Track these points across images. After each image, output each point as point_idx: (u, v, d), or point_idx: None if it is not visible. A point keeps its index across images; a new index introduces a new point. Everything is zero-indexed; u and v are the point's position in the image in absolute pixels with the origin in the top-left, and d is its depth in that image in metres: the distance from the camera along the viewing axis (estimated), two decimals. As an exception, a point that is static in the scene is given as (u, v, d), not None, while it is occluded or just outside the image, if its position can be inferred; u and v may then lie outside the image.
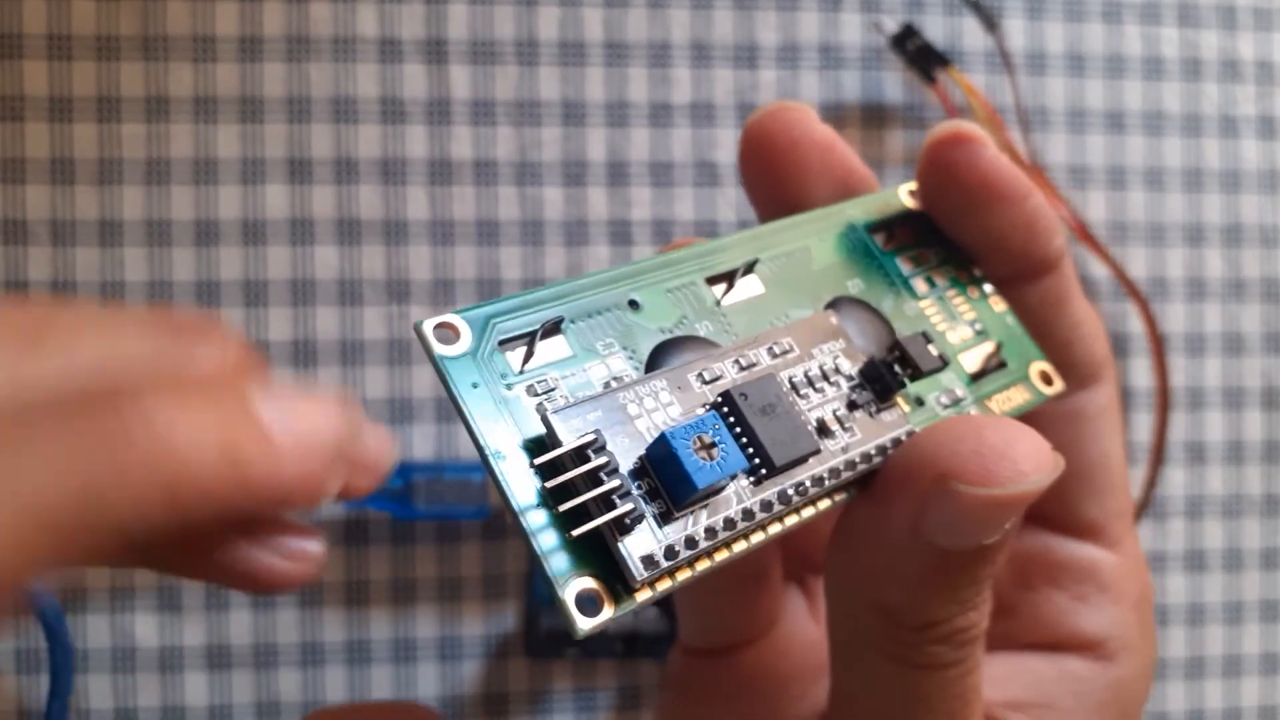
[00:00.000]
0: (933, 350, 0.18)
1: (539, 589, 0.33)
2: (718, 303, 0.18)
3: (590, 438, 0.15)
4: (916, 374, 0.18)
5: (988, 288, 0.21)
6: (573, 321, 0.17)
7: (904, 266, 0.21)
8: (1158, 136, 0.37)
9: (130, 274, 0.33)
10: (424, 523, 0.34)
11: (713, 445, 0.15)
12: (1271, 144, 0.38)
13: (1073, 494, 0.21)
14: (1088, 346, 0.21)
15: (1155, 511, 0.37)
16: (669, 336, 0.17)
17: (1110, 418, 0.21)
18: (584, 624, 0.14)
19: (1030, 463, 0.16)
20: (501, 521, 0.34)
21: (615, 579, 0.15)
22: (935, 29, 0.36)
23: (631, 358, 0.17)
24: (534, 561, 0.16)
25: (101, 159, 0.33)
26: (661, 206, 0.35)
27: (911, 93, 0.36)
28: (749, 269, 0.19)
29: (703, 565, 0.15)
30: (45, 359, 0.12)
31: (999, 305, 0.21)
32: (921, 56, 0.35)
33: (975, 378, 0.20)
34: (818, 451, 0.16)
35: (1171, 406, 0.36)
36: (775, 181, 0.21)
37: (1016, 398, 0.20)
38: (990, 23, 0.35)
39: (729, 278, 0.19)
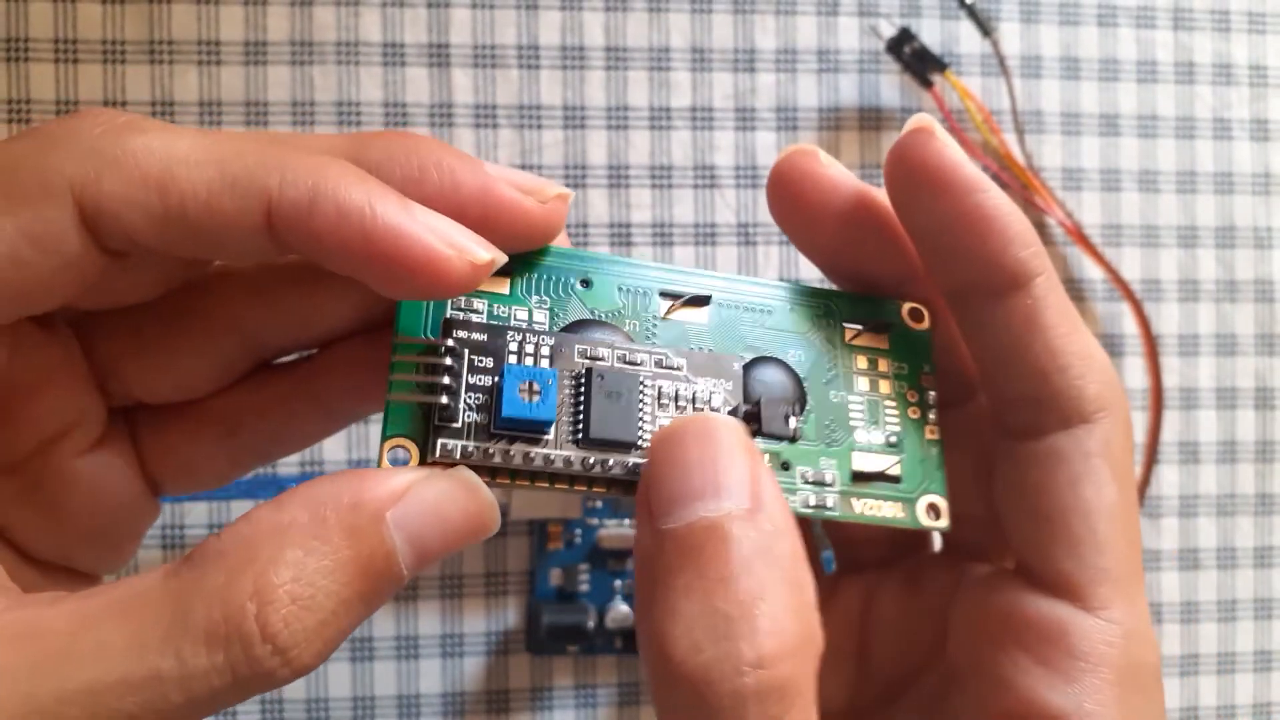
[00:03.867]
0: (791, 423, 0.19)
1: (540, 586, 0.34)
2: (658, 315, 0.20)
3: (453, 345, 0.18)
4: (759, 432, 0.19)
5: (931, 415, 0.21)
6: (523, 273, 0.19)
7: (857, 362, 0.21)
8: (1151, 139, 0.37)
9: (136, 275, 0.33)
10: (426, 521, 0.34)
11: (537, 392, 0.18)
12: (1264, 146, 0.38)
13: (1041, 541, 0.19)
14: (1070, 382, 0.19)
15: (1149, 511, 0.37)
16: (594, 318, 0.20)
17: (1099, 465, 0.19)
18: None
19: None
20: (503, 519, 0.34)
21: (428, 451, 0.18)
22: (931, 33, 0.36)
23: (554, 318, 0.20)
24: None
25: (108, 162, 0.33)
26: (661, 209, 0.35)
27: (908, 96, 0.36)
28: (703, 301, 0.20)
29: (500, 481, 0.18)
30: None
31: (932, 435, 0.21)
32: (918, 60, 0.35)
33: (859, 477, 0.20)
34: (635, 445, 0.18)
35: (1165, 406, 0.37)
36: (790, 223, 0.21)
37: (886, 511, 0.20)
38: (985, 27, 0.35)
39: (680, 299, 0.20)
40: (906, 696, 0.22)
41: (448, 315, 0.19)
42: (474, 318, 0.19)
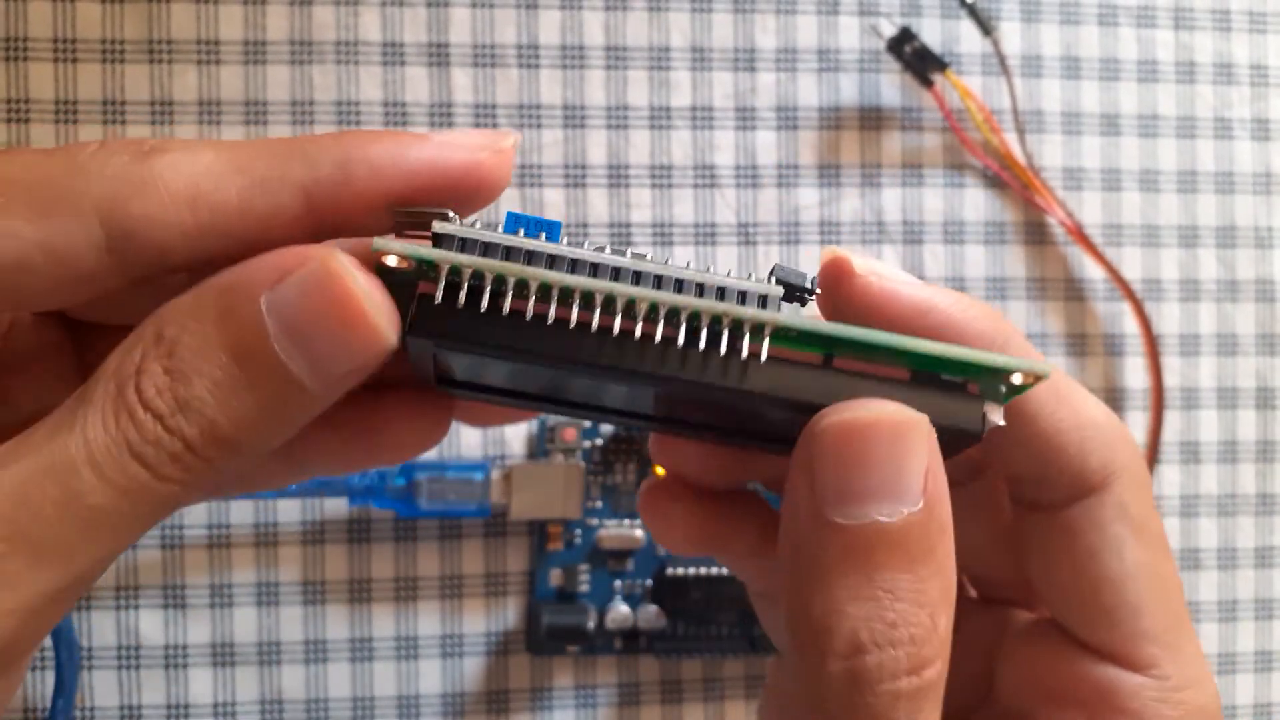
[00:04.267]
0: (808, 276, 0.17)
1: (540, 586, 0.34)
2: None
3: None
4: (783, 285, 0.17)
5: None
6: None
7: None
8: (1152, 139, 0.37)
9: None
10: (426, 521, 0.34)
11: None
12: (1265, 146, 0.38)
13: (1075, 611, 0.19)
14: (1069, 461, 0.18)
15: (1150, 510, 0.37)
16: None
17: (1117, 530, 0.19)
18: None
19: None
20: (503, 520, 0.34)
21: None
22: (932, 32, 0.36)
23: None
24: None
25: (107, 161, 0.33)
26: (661, 208, 0.35)
27: (908, 96, 0.36)
28: None
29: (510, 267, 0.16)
30: None
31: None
32: (918, 60, 0.35)
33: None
34: (649, 260, 0.17)
35: (1165, 406, 0.37)
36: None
37: (965, 350, 0.17)
38: (986, 26, 0.35)
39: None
40: None
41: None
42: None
